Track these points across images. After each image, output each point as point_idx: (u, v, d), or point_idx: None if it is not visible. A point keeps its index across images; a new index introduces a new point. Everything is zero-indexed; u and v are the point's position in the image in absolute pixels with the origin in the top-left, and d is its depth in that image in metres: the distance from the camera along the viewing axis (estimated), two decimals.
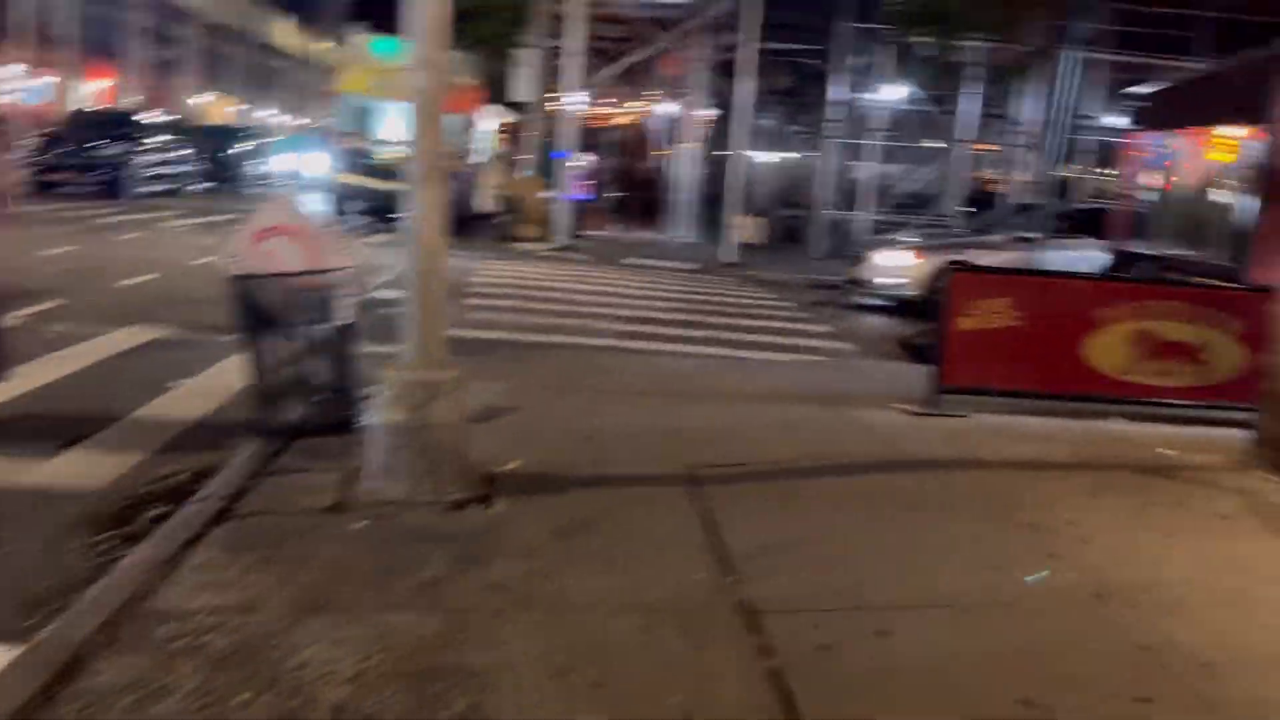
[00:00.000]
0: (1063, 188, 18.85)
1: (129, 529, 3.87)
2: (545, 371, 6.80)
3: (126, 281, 9.90)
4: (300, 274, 4.99)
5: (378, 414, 4.01)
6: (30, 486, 4.22)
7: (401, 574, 3.38)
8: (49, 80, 28.35)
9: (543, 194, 20.01)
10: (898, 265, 12.25)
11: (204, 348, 6.76)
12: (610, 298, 11.57)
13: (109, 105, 29.60)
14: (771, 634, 3.08)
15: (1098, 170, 19.31)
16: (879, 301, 12.89)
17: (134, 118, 23.47)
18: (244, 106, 41.72)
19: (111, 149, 20.68)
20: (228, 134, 29.96)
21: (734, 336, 9.61)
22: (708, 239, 22.01)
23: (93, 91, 32.17)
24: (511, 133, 25.49)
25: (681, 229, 23.03)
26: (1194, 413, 6.10)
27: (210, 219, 16.55)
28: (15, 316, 7.42)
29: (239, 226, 4.95)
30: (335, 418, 4.91)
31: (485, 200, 22.02)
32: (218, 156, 26.82)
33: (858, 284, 12.74)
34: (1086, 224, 12.42)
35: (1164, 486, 4.69)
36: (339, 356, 5.05)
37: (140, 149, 21.45)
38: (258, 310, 4.92)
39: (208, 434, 5.11)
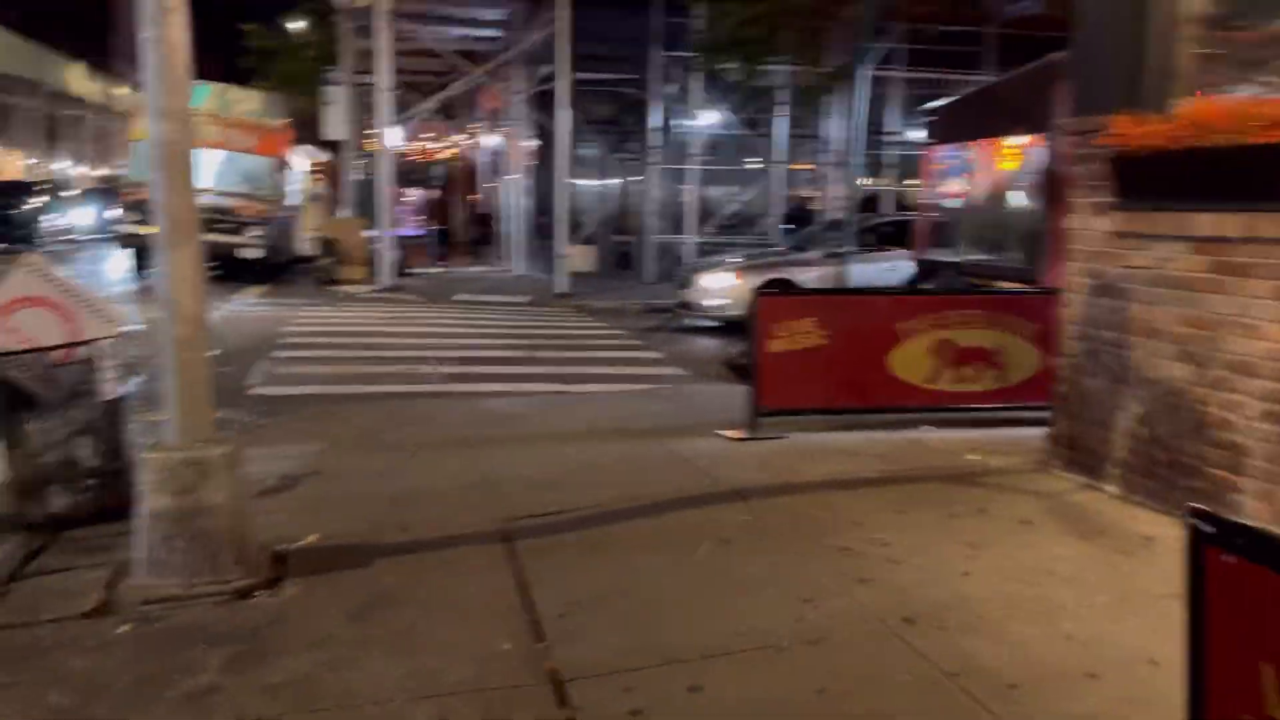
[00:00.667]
0: (870, 202, 19.74)
1: None
2: (356, 427, 6.44)
3: None
4: (56, 348, 4.51)
5: (142, 500, 3.62)
6: None
7: (167, 684, 3.01)
8: None
9: (364, 233, 19.39)
10: (721, 286, 12.43)
11: None
12: (437, 339, 11.22)
13: None
14: (580, 704, 2.91)
15: (903, 183, 20.31)
16: (707, 323, 13.06)
17: None
18: (34, 160, 38.81)
19: None
20: (17, 189, 27.70)
21: (565, 370, 9.46)
22: (539, 270, 21.88)
23: None
24: (328, 172, 24.64)
25: (512, 261, 22.81)
26: (999, 414, 6.35)
27: None
28: None
29: None
30: (107, 504, 4.44)
31: (303, 243, 21.17)
32: (6, 214, 24.74)
33: (686, 307, 12.86)
34: (894, 236, 12.98)
35: (969, 495, 4.81)
36: (107, 436, 4.58)
37: None
38: (10, 392, 4.41)
39: None
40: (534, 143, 22.58)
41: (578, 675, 3.06)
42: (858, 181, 19.90)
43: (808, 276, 12.19)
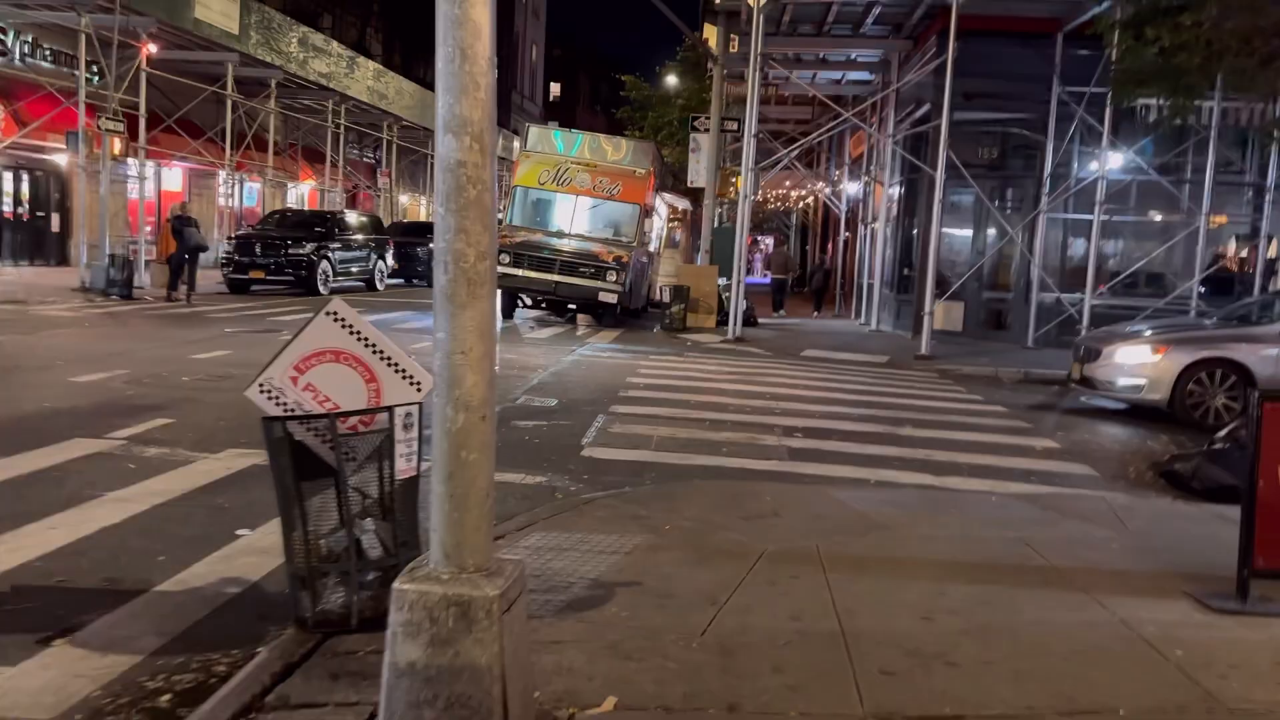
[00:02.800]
0: None
1: None
2: (687, 516, 5.37)
3: None
4: (354, 413, 3.83)
5: (389, 647, 2.70)
6: None
7: None
8: (256, 184, 30.10)
9: (717, 281, 18.87)
10: (1137, 363, 10.10)
11: None
12: (784, 401, 10.06)
13: (308, 207, 31.19)
14: None
15: None
16: (1112, 404, 10.75)
17: (330, 216, 24.23)
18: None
19: (305, 247, 21.23)
20: (421, 230, 30.76)
21: (933, 456, 7.87)
22: (898, 326, 20.15)
23: (302, 193, 34.20)
24: (685, 219, 24.69)
25: (868, 315, 21.27)
26: None
27: (390, 315, 16.35)
28: (110, 438, 6.78)
29: (282, 348, 3.86)
30: (384, 610, 3.66)
31: (656, 289, 21.13)
32: (409, 252, 27.41)
33: (1087, 383, 10.63)
34: None
35: None
36: (399, 523, 3.82)
37: (335, 246, 22.00)
38: (299, 459, 3.77)
39: (241, 618, 3.99)
40: (899, 189, 20.96)
41: None
42: None
43: (1264, 358, 9.54)
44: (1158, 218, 17.83)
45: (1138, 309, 16.74)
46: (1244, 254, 17.97)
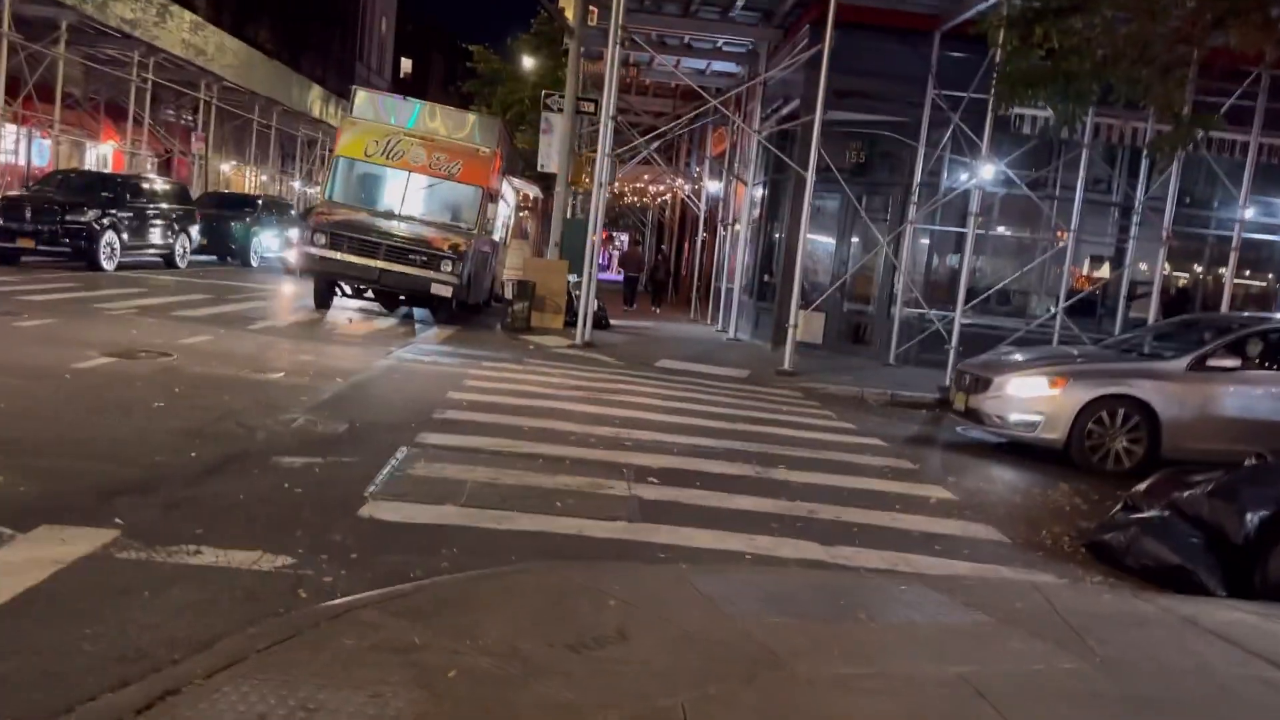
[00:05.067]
0: (1182, 297, 15.58)
1: None
2: (488, 642, 3.55)
3: None
4: None
5: None
6: None
7: None
8: (47, 141, 26.22)
9: (567, 278, 17.09)
10: (1031, 396, 8.93)
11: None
12: (637, 430, 8.37)
13: (113, 170, 27.49)
14: None
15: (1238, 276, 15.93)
16: (994, 439, 9.60)
17: (122, 180, 20.98)
18: (266, 178, 39.91)
19: (87, 214, 18.12)
20: (239, 202, 27.56)
21: (816, 512, 6.33)
22: (756, 335, 18.91)
23: (104, 155, 30.24)
24: (535, 208, 22.79)
25: (725, 322, 19.97)
26: None
27: (168, 299, 13.71)
28: None
29: None
30: None
31: (501, 283, 19.16)
32: (221, 227, 24.36)
33: (974, 417, 9.42)
34: None
35: None
36: None
37: (125, 216, 18.91)
38: None
39: None
40: (763, 190, 19.74)
41: None
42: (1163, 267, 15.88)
43: (1169, 397, 8.52)
44: (1024, 234, 17.19)
45: (1002, 329, 16.01)
46: (1103, 276, 17.58)
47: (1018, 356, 10.14)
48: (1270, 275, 17.59)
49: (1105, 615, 4.64)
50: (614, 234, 50.51)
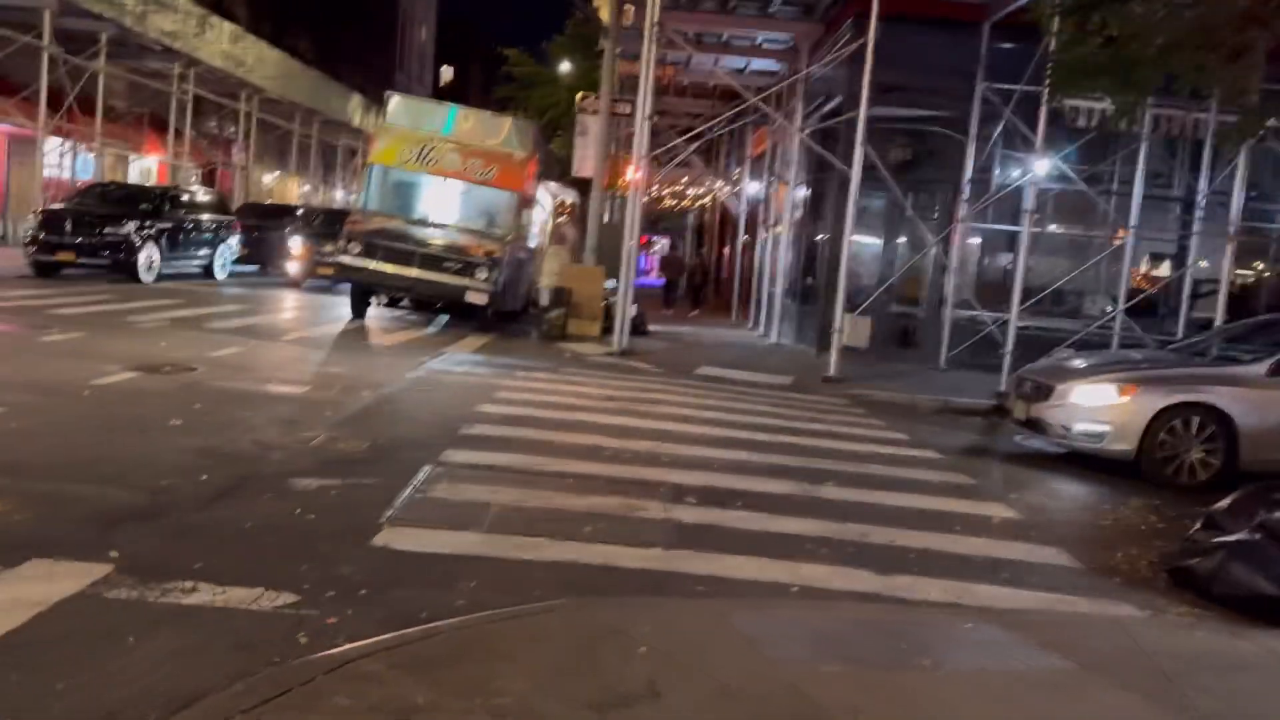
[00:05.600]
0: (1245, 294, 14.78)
1: None
2: (503, 700, 3.15)
3: None
4: None
5: None
6: None
7: None
8: (89, 154, 26.45)
9: (603, 284, 16.70)
10: (1097, 404, 8.34)
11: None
12: (675, 444, 7.93)
13: (157, 183, 27.64)
14: None
15: None
16: (1055, 449, 9.02)
17: (161, 191, 21.03)
18: (308, 188, 40.16)
19: (126, 226, 18.13)
20: (279, 213, 27.57)
21: (868, 534, 5.85)
22: (799, 339, 18.37)
23: (149, 168, 30.48)
24: (574, 214, 22.47)
25: (768, 326, 19.46)
26: None
27: (202, 310, 13.54)
28: None
29: None
30: None
31: (537, 290, 18.82)
32: (264, 237, 24.32)
33: (1035, 426, 8.85)
34: None
35: None
36: None
37: (164, 227, 18.93)
38: None
39: None
40: (805, 190, 19.20)
41: None
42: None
43: (1247, 404, 7.89)
44: (1080, 232, 16.47)
45: (1059, 331, 15.33)
46: (1164, 274, 16.79)
47: (1079, 362, 9.53)
48: None
49: (1200, 658, 4.12)
50: (653, 238, 50.07)
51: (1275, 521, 5.36)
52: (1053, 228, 16.12)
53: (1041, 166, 14.39)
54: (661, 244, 36.67)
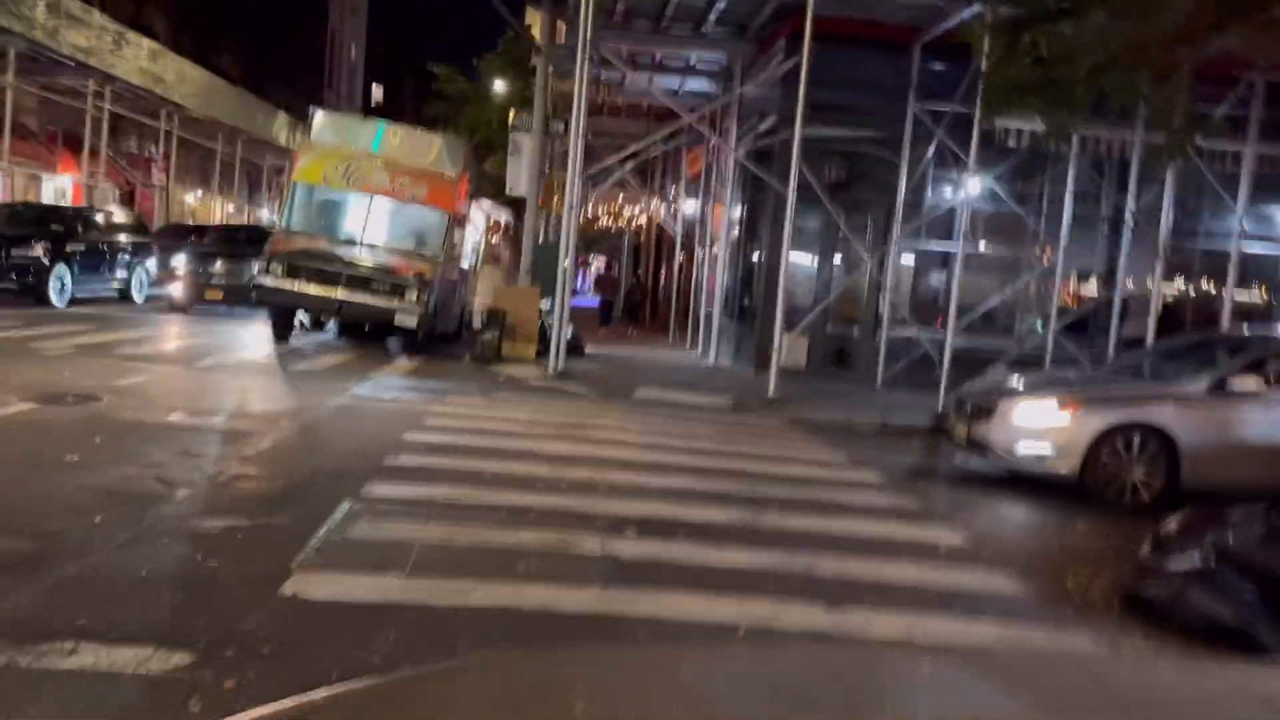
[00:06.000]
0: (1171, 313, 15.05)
1: None
2: None
3: None
4: None
5: None
6: None
7: None
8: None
9: (538, 304, 16.34)
10: (1040, 425, 8.24)
11: None
12: (613, 470, 7.61)
13: (72, 203, 26.51)
14: None
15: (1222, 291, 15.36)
16: (993, 470, 8.91)
17: (73, 212, 20.14)
18: (232, 209, 39.03)
19: (34, 248, 17.26)
20: (203, 234, 26.61)
21: (816, 565, 5.59)
22: (737, 361, 18.21)
23: (63, 188, 29.25)
24: (508, 233, 22.08)
25: (705, 347, 19.25)
26: None
27: (113, 335, 12.81)
28: None
29: None
30: None
31: (471, 313, 18.40)
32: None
33: (978, 447, 8.73)
34: None
35: None
36: None
37: (77, 249, 18.07)
38: None
39: None
40: (741, 209, 19.11)
41: None
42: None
43: (1189, 423, 7.86)
44: (1011, 252, 16.61)
45: (993, 350, 15.39)
46: (1094, 293, 17.03)
47: (1017, 382, 9.44)
48: (1265, 288, 17.07)
49: (1168, 697, 3.92)
50: (590, 258, 49.69)
51: (1231, 545, 5.24)
52: (986, 247, 16.19)
53: (974, 186, 14.46)
54: (599, 264, 36.47)
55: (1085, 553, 6.64)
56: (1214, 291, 16.88)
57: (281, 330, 14.92)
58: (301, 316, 15.74)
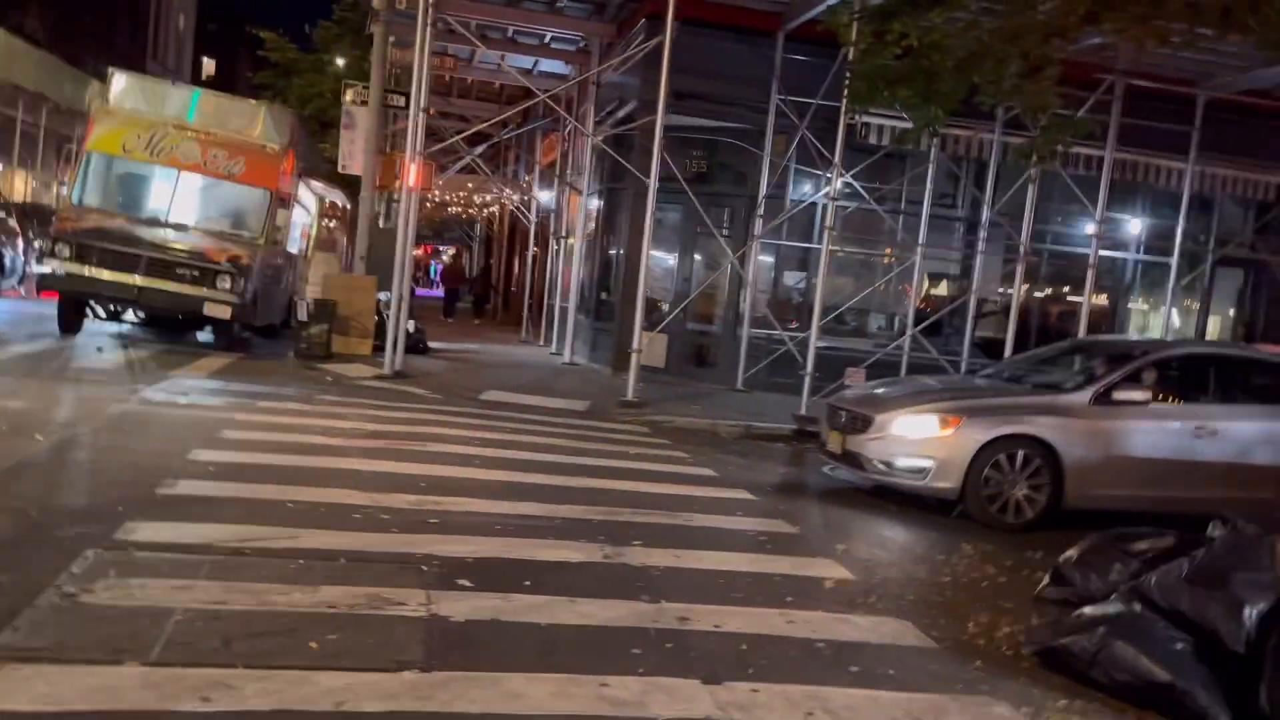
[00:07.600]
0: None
1: None
2: None
3: None
4: None
5: None
6: None
7: None
8: None
9: (375, 296, 14.90)
10: (920, 437, 7.59)
11: None
12: (447, 495, 6.46)
13: None
14: None
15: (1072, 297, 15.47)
16: (867, 484, 8.26)
17: None
18: (36, 183, 35.08)
19: None
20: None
21: (690, 615, 4.65)
22: (594, 358, 17.26)
23: None
24: (344, 217, 20.34)
25: (559, 344, 18.20)
26: None
27: None
28: None
29: None
30: None
31: (300, 304, 16.70)
32: None
33: (853, 461, 8.02)
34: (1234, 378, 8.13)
35: None
36: None
37: None
38: None
39: None
40: (599, 200, 18.15)
41: None
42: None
43: (1072, 435, 7.35)
44: (871, 251, 16.29)
45: (853, 350, 15.01)
46: (949, 294, 16.93)
47: (882, 390, 8.80)
48: (1111, 292, 17.40)
49: None
50: (440, 247, 47.70)
51: (1153, 588, 4.59)
52: (847, 246, 15.78)
53: (838, 183, 13.96)
54: (449, 253, 34.87)
55: (978, 586, 5.96)
56: (1069, 295, 17.07)
57: (69, 321, 12.95)
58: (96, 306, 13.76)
